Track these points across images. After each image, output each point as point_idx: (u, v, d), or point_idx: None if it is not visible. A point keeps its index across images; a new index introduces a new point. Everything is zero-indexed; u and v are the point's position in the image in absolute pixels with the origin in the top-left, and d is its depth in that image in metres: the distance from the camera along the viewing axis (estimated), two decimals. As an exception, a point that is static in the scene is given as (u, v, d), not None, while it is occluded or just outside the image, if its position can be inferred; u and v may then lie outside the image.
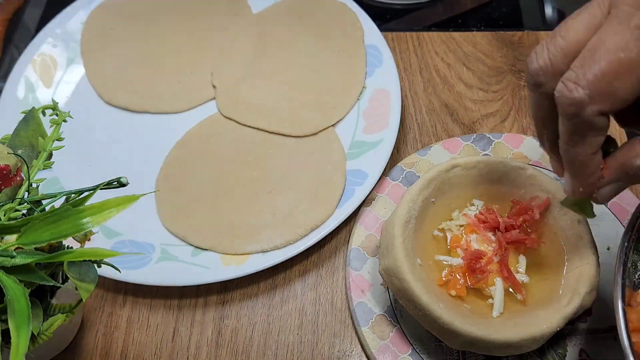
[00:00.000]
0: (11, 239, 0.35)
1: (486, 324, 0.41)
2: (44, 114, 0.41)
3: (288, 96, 0.60)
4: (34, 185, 0.39)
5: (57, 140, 0.40)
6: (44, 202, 0.39)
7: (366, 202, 0.53)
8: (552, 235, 0.46)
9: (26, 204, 0.38)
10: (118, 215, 0.35)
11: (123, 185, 0.38)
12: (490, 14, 0.69)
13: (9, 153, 0.38)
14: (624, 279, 0.37)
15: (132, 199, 0.35)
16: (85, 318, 0.50)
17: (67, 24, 0.65)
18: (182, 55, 0.63)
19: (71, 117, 0.41)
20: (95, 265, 0.39)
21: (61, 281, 0.41)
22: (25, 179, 0.38)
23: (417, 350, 0.46)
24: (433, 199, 0.47)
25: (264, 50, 0.63)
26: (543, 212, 0.46)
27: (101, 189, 0.37)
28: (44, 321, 0.39)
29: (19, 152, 0.40)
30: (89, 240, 0.40)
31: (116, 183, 0.38)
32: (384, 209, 0.53)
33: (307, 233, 0.51)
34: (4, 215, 0.36)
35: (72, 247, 0.40)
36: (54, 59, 0.63)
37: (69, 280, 0.40)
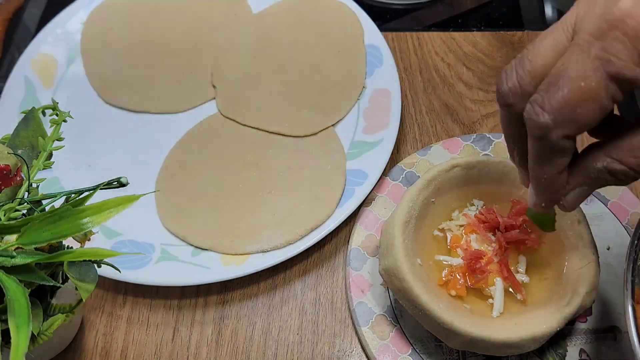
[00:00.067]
0: (11, 239, 0.35)
1: (486, 324, 0.41)
2: (44, 114, 0.41)
3: (288, 96, 0.60)
4: (34, 185, 0.39)
5: (57, 140, 0.40)
6: (44, 202, 0.39)
7: (366, 202, 0.53)
8: (552, 235, 0.45)
9: (26, 204, 0.38)
10: (118, 215, 0.34)
11: (123, 185, 0.38)
12: (490, 14, 0.69)
13: (9, 153, 0.38)
14: (633, 277, 0.37)
15: (132, 199, 0.35)
16: (85, 318, 0.50)
17: (67, 24, 0.65)
18: (182, 55, 0.63)
19: (71, 117, 0.41)
20: (95, 265, 0.39)
21: (61, 281, 0.41)
22: (25, 179, 0.38)
23: (417, 350, 0.46)
24: (433, 199, 0.47)
25: (264, 50, 0.63)
26: (543, 212, 0.46)
27: (101, 189, 0.37)
28: (44, 321, 0.39)
29: (19, 152, 0.40)
30: (89, 240, 0.40)
31: (116, 183, 0.38)
32: (384, 209, 0.53)
33: (307, 233, 0.51)
34: (4, 215, 0.36)
35: (72, 247, 0.40)
36: (54, 59, 0.63)
37: (69, 280, 0.40)
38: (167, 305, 0.50)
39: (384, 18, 0.69)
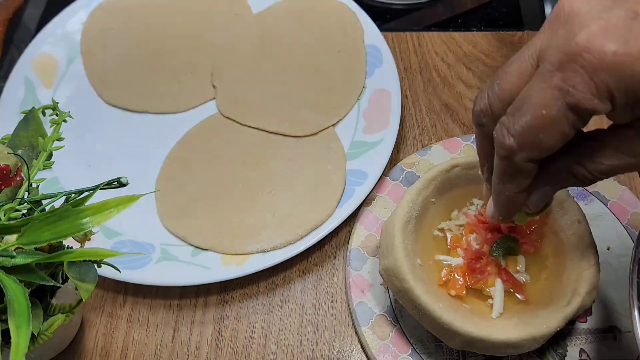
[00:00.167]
0: (11, 239, 0.35)
1: (486, 324, 0.41)
2: (44, 114, 0.41)
3: (288, 96, 0.60)
4: (34, 185, 0.39)
5: (57, 140, 0.40)
6: (44, 202, 0.39)
7: (366, 202, 0.53)
8: (552, 235, 0.46)
9: (26, 204, 0.38)
10: (118, 215, 0.34)
11: (123, 185, 0.38)
12: (490, 14, 0.69)
13: (9, 153, 0.38)
14: (639, 278, 0.37)
15: (132, 199, 0.35)
16: (85, 318, 0.50)
17: (67, 24, 0.65)
18: (182, 55, 0.63)
19: (71, 117, 0.41)
20: (95, 265, 0.39)
21: (61, 281, 0.41)
22: (25, 179, 0.38)
23: (417, 350, 0.46)
24: (433, 199, 0.47)
25: (264, 50, 0.63)
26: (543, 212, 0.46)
27: (101, 189, 0.37)
28: (44, 321, 0.39)
29: (19, 152, 0.40)
30: (89, 240, 0.40)
31: (116, 183, 0.38)
32: (384, 209, 0.53)
33: (307, 233, 0.51)
34: (4, 215, 0.36)
35: (72, 247, 0.40)
36: (54, 59, 0.63)
37: (69, 280, 0.40)
38: (167, 305, 0.50)
39: (384, 18, 0.69)
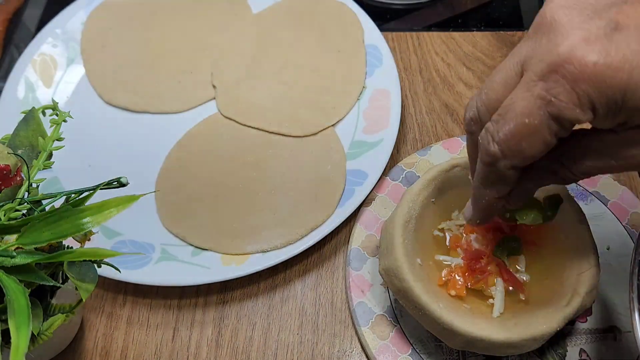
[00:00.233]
0: (11, 239, 0.35)
1: (486, 324, 0.41)
2: (44, 114, 0.41)
3: (288, 96, 0.60)
4: (34, 185, 0.39)
5: (57, 140, 0.40)
6: (44, 202, 0.39)
7: (366, 202, 0.53)
8: (552, 235, 0.45)
9: (26, 204, 0.37)
10: (118, 215, 0.34)
11: (123, 185, 0.38)
12: (490, 14, 0.69)
13: (9, 153, 0.38)
14: (639, 280, 0.37)
15: (132, 199, 0.35)
16: (85, 318, 0.50)
17: (67, 24, 0.65)
18: (182, 55, 0.63)
19: (71, 117, 0.41)
20: (95, 265, 0.39)
21: (61, 281, 0.41)
22: (25, 179, 0.38)
23: (417, 350, 0.46)
24: (433, 199, 0.47)
25: (264, 50, 0.63)
26: (543, 212, 0.46)
27: (101, 189, 0.37)
28: (44, 321, 0.39)
29: (19, 152, 0.40)
30: (89, 240, 0.40)
31: (116, 183, 0.38)
32: (384, 209, 0.53)
33: (307, 233, 0.51)
34: (4, 215, 0.36)
35: (72, 247, 0.40)
36: (54, 59, 0.63)
37: (69, 280, 0.40)
38: (167, 305, 0.50)
39: (384, 18, 0.69)
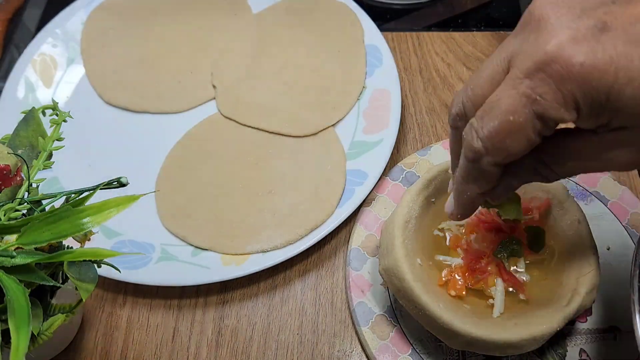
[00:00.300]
0: (11, 239, 0.35)
1: (486, 324, 0.41)
2: (44, 114, 0.41)
3: (288, 96, 0.60)
4: (34, 185, 0.39)
5: (57, 140, 0.40)
6: (44, 202, 0.39)
7: (366, 202, 0.53)
8: (552, 235, 0.46)
9: (26, 204, 0.37)
10: (118, 215, 0.34)
11: (123, 185, 0.38)
12: (490, 14, 0.69)
13: (9, 153, 0.38)
14: None
15: (132, 199, 0.35)
16: (85, 318, 0.50)
17: (67, 24, 0.65)
18: (182, 55, 0.63)
19: (71, 117, 0.41)
20: (95, 265, 0.39)
21: (61, 281, 0.41)
22: (25, 179, 0.38)
23: (417, 350, 0.46)
24: (433, 199, 0.47)
25: (264, 50, 0.63)
26: (543, 213, 0.46)
27: (101, 189, 0.37)
28: (44, 321, 0.39)
29: (19, 152, 0.40)
30: (89, 240, 0.40)
31: (116, 183, 0.38)
32: (384, 209, 0.53)
33: (307, 233, 0.51)
34: (4, 215, 0.36)
35: (72, 247, 0.40)
36: (54, 59, 0.63)
37: (69, 280, 0.40)
38: (167, 305, 0.50)
39: (384, 18, 0.69)
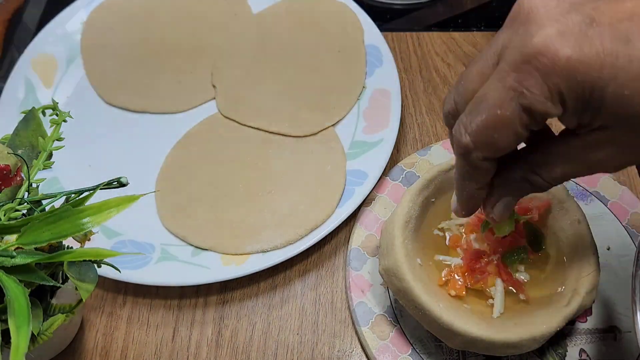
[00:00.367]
0: (11, 239, 0.35)
1: (486, 324, 0.41)
2: (44, 114, 0.41)
3: (288, 96, 0.60)
4: (34, 185, 0.39)
5: (57, 140, 0.40)
6: (44, 202, 0.39)
7: (366, 202, 0.53)
8: (552, 235, 0.46)
9: (26, 204, 0.37)
10: (118, 215, 0.34)
11: (123, 185, 0.38)
12: (490, 14, 0.69)
13: (9, 153, 0.38)
14: None
15: (132, 199, 0.35)
16: (85, 318, 0.50)
17: (67, 24, 0.65)
18: (182, 55, 0.63)
19: (71, 117, 0.41)
20: (95, 265, 0.39)
21: (61, 281, 0.41)
22: (25, 179, 0.38)
23: (417, 350, 0.46)
24: (433, 199, 0.47)
25: (264, 50, 0.63)
26: (543, 213, 0.46)
27: (101, 189, 0.37)
28: (44, 321, 0.39)
29: (19, 152, 0.40)
30: (89, 240, 0.40)
31: (116, 183, 0.38)
32: (384, 209, 0.53)
33: (307, 233, 0.51)
34: (4, 215, 0.36)
35: (72, 247, 0.40)
36: (54, 59, 0.63)
37: (69, 280, 0.40)
38: (167, 305, 0.50)
39: (384, 18, 0.69)
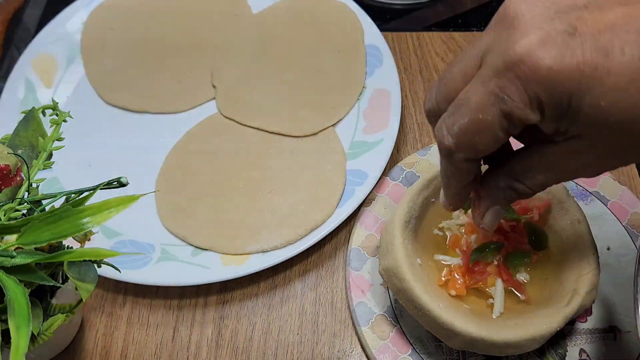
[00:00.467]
0: (11, 239, 0.35)
1: (486, 324, 0.41)
2: (44, 114, 0.41)
3: (288, 96, 0.60)
4: (34, 185, 0.39)
5: (57, 140, 0.40)
6: (44, 202, 0.39)
7: (366, 202, 0.53)
8: (552, 235, 0.46)
9: (26, 204, 0.37)
10: (118, 215, 0.34)
11: (123, 185, 0.38)
12: (490, 14, 0.68)
13: (9, 153, 0.38)
14: None
15: (132, 199, 0.35)
16: (85, 318, 0.50)
17: (67, 24, 0.65)
18: (182, 55, 0.63)
19: (71, 117, 0.41)
20: (95, 265, 0.39)
21: (61, 281, 0.41)
22: (25, 179, 0.38)
23: (417, 350, 0.46)
24: (433, 199, 0.47)
25: (264, 50, 0.63)
26: (543, 213, 0.46)
27: (101, 189, 0.37)
28: (44, 321, 0.39)
29: (19, 152, 0.40)
30: (89, 240, 0.40)
31: (116, 183, 0.38)
32: (384, 209, 0.53)
33: (307, 233, 0.51)
34: (4, 215, 0.36)
35: (72, 247, 0.40)
36: (54, 59, 0.63)
37: (69, 280, 0.40)
38: (167, 305, 0.50)
39: (384, 18, 0.69)
